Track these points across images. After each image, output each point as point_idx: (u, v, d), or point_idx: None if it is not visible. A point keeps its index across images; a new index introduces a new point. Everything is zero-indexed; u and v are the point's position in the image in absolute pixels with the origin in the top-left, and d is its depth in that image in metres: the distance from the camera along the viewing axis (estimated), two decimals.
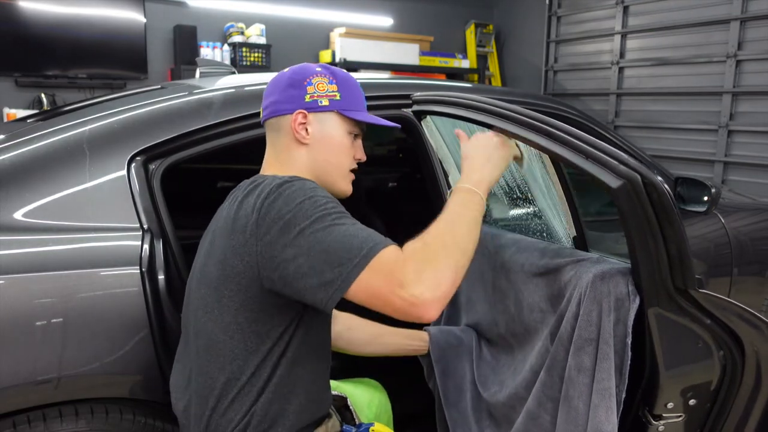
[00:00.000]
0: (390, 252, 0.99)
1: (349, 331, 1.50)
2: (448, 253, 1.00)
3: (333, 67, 1.26)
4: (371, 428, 1.26)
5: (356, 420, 1.39)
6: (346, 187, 1.27)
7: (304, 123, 1.20)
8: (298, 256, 1.00)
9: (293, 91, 1.21)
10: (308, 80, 1.21)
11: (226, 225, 1.10)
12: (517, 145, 1.29)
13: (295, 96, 1.20)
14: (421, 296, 0.95)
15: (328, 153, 1.22)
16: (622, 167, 1.08)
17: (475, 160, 1.21)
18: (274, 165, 1.23)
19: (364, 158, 1.28)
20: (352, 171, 1.27)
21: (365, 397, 1.55)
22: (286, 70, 1.26)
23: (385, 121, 1.30)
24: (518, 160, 1.32)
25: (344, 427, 1.29)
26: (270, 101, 1.23)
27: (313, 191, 1.06)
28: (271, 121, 1.23)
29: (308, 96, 1.20)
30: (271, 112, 1.23)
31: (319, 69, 1.23)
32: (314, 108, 1.20)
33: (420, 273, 0.96)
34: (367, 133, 1.30)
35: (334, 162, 1.23)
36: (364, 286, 0.97)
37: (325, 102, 1.21)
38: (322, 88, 1.21)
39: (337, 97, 1.22)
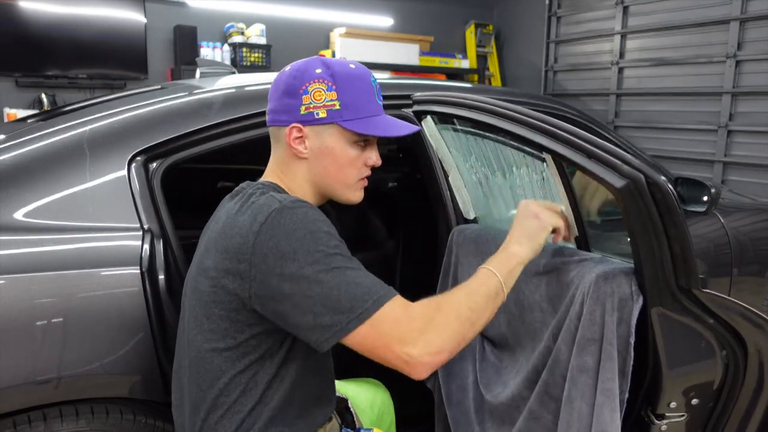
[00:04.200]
0: (394, 306, 0.98)
1: None
2: (459, 322, 1.01)
3: (336, 64, 1.12)
4: None
5: (357, 423, 1.38)
6: (353, 196, 1.19)
7: (301, 137, 1.11)
8: (296, 294, 0.97)
9: (289, 100, 1.10)
10: (304, 87, 1.09)
11: (219, 240, 1.05)
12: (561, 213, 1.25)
13: (290, 106, 1.10)
14: (418, 357, 0.96)
15: (329, 167, 1.13)
16: (625, 167, 1.08)
17: (526, 228, 1.18)
18: (276, 173, 1.16)
19: (379, 163, 1.18)
20: (366, 176, 1.19)
21: (368, 398, 1.53)
22: (287, 68, 1.15)
23: (400, 129, 1.15)
24: (563, 237, 1.28)
25: (343, 430, 1.29)
26: (270, 107, 1.15)
27: (315, 224, 1.00)
28: (272, 129, 1.16)
29: (303, 107, 1.09)
30: (270, 120, 1.15)
31: (319, 71, 1.10)
32: (311, 121, 1.10)
33: (424, 334, 0.97)
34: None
35: (337, 176, 1.14)
36: (360, 338, 0.97)
37: (322, 114, 1.09)
38: (319, 97, 1.09)
39: (337, 107, 1.09)
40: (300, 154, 1.13)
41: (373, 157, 1.18)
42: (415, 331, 0.97)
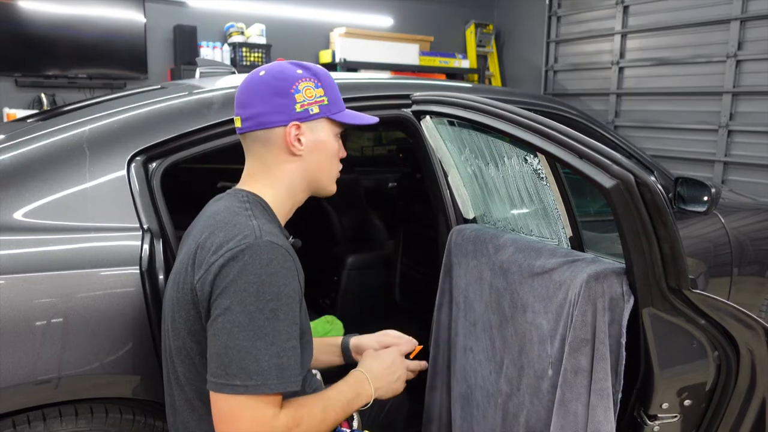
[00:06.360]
0: (266, 406, 0.97)
1: None
2: None
3: (309, 64, 1.19)
4: None
5: (356, 423, 1.39)
6: (333, 188, 1.25)
7: (298, 134, 1.15)
8: (213, 323, 0.99)
9: (281, 100, 1.13)
10: (295, 87, 1.14)
11: (194, 245, 1.07)
12: None
13: (284, 106, 1.13)
14: None
15: (322, 161, 1.19)
16: (615, 167, 1.08)
17: (387, 370, 1.25)
18: (262, 179, 1.18)
19: (345, 155, 1.26)
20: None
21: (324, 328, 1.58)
22: (261, 73, 1.16)
23: (369, 118, 1.26)
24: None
25: (338, 429, 1.29)
26: (253, 112, 1.14)
27: (270, 277, 0.99)
28: (258, 133, 1.15)
29: (299, 105, 1.14)
30: (257, 124, 1.14)
31: (300, 71, 1.16)
32: (306, 117, 1.15)
33: None
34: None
35: (328, 168, 1.21)
36: (219, 406, 0.97)
37: (315, 110, 1.15)
38: (310, 94, 1.15)
39: (325, 102, 1.17)
40: (297, 152, 1.16)
41: (343, 150, 1.25)
42: None
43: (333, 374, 1.71)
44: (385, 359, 1.27)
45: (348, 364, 1.42)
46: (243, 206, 1.11)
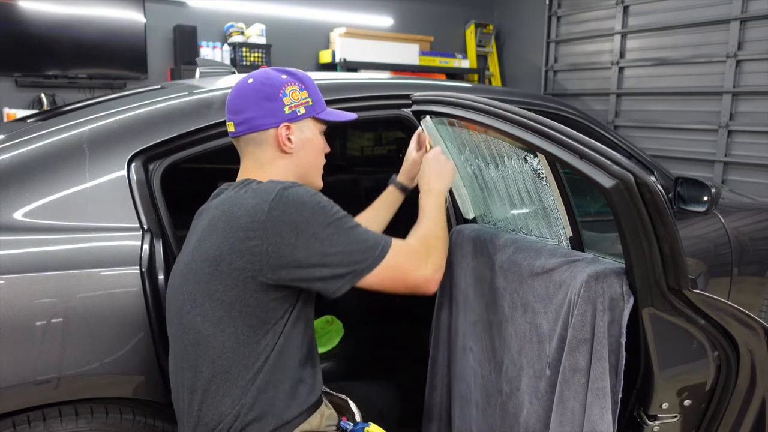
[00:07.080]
0: (398, 248, 1.21)
1: None
2: (439, 243, 1.30)
3: (290, 70, 1.30)
4: (366, 429, 1.27)
5: (357, 418, 1.39)
6: (320, 182, 1.37)
7: (288, 134, 1.26)
8: (311, 256, 1.11)
9: (270, 104, 1.24)
10: (282, 91, 1.25)
11: (219, 223, 1.14)
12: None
13: (273, 109, 1.24)
14: (432, 275, 1.24)
15: (310, 156, 1.31)
16: (615, 167, 1.08)
17: (435, 172, 1.46)
18: (258, 176, 1.26)
19: (328, 149, 1.37)
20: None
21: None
22: (249, 80, 1.27)
23: (349, 115, 1.38)
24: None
25: (341, 423, 1.30)
26: (245, 117, 1.24)
27: (318, 197, 1.16)
28: (252, 136, 1.25)
29: (287, 108, 1.25)
30: (249, 128, 1.25)
31: (285, 77, 1.27)
32: (295, 118, 1.26)
33: (428, 258, 1.24)
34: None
35: (315, 163, 1.33)
36: (376, 279, 1.17)
37: (302, 110, 1.27)
38: (296, 97, 1.26)
39: (310, 103, 1.29)
40: (288, 150, 1.27)
41: (326, 145, 1.37)
42: (422, 258, 1.23)
43: (333, 375, 1.71)
44: (428, 163, 1.47)
45: (409, 195, 1.66)
46: (252, 183, 1.20)
